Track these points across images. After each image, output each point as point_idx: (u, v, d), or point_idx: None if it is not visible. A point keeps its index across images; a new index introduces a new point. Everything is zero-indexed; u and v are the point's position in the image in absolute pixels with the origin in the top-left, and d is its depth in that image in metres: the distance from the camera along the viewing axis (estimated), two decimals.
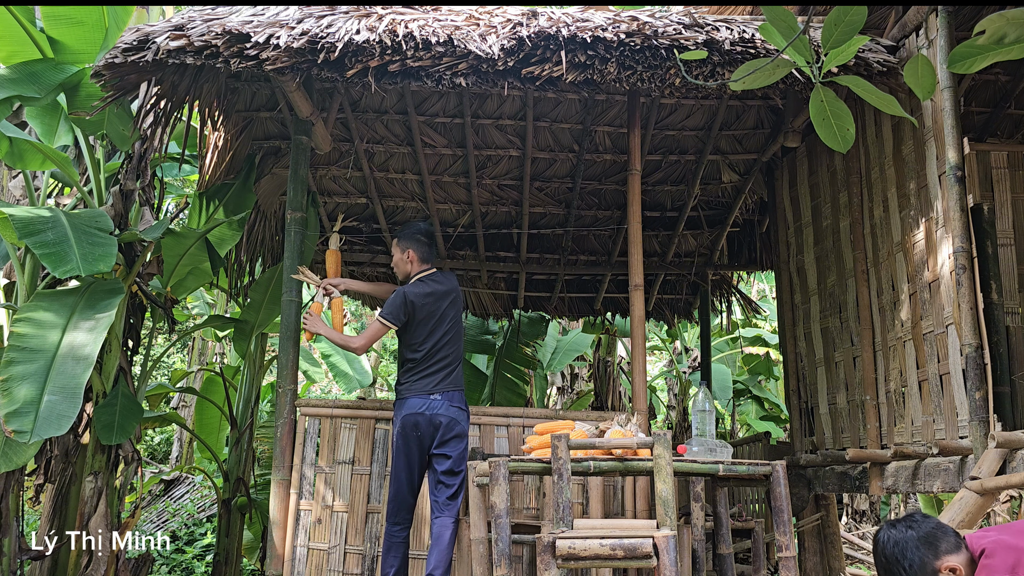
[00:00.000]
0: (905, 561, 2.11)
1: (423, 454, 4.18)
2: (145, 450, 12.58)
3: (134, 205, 5.48)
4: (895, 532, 2.17)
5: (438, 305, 4.29)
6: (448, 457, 4.14)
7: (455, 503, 4.13)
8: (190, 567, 8.46)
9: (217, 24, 3.92)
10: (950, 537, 2.14)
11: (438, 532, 4.09)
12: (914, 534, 2.14)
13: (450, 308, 4.33)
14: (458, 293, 4.42)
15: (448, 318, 4.32)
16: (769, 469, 3.41)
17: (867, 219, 4.76)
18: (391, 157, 6.18)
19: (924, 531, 2.14)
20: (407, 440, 4.15)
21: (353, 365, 10.02)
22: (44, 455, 5.30)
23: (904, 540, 2.14)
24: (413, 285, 4.33)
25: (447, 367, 4.25)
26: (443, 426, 4.14)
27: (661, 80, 4.05)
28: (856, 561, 9.09)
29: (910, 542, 2.13)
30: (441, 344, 4.26)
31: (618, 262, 7.21)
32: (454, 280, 4.46)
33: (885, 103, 2.51)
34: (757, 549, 4.02)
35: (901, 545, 2.13)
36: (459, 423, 4.19)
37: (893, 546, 2.14)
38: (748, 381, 11.43)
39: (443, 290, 4.33)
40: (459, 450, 4.18)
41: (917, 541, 2.12)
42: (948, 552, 2.10)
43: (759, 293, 15.68)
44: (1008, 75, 5.42)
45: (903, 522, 2.19)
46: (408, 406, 4.16)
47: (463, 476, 4.15)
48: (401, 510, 4.17)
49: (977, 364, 3.60)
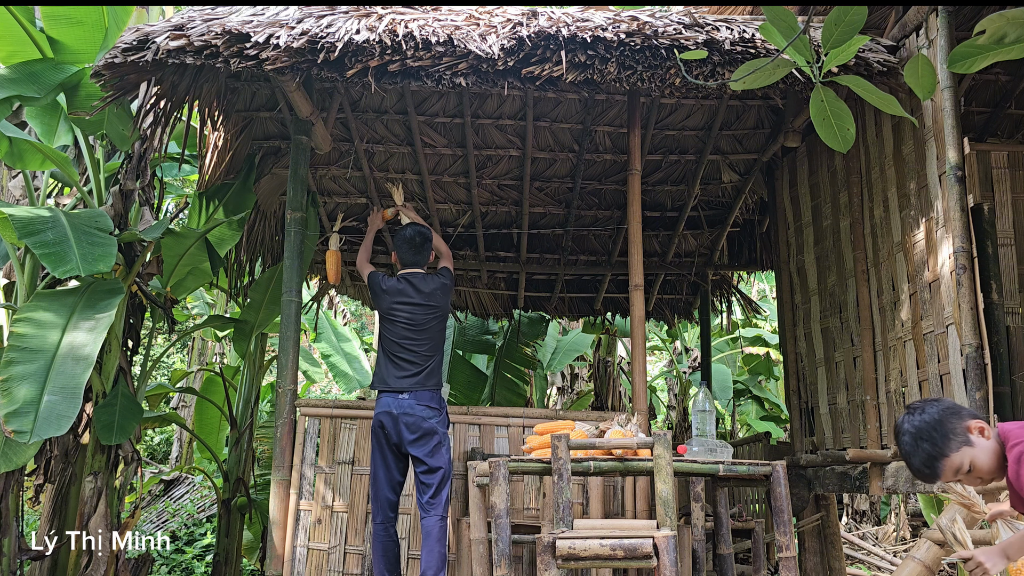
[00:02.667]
0: (936, 431, 2.24)
1: (395, 452, 4.23)
2: (145, 450, 12.58)
3: (134, 205, 5.48)
4: (918, 412, 2.32)
5: (399, 305, 4.39)
6: (421, 457, 4.15)
7: (438, 501, 4.13)
8: (190, 567, 8.45)
9: (217, 24, 3.92)
10: (967, 408, 2.35)
11: (426, 532, 4.11)
12: (937, 407, 2.30)
13: (417, 309, 4.37)
14: (430, 296, 4.40)
15: (414, 320, 4.36)
16: (769, 469, 3.41)
17: (867, 219, 4.75)
18: (391, 157, 6.18)
19: (946, 404, 2.33)
20: (377, 438, 4.25)
21: (353, 365, 10.02)
22: (44, 455, 5.30)
23: (932, 413, 2.29)
24: (390, 275, 4.57)
25: (417, 366, 4.28)
26: (410, 425, 4.16)
27: (661, 80, 4.05)
28: (856, 561, 9.09)
29: (937, 414, 2.28)
30: (405, 342, 4.33)
31: (618, 262, 7.21)
32: (430, 284, 4.43)
33: (885, 103, 2.51)
34: (757, 549, 4.02)
35: (929, 418, 2.28)
36: (427, 420, 4.17)
37: (920, 421, 2.28)
38: (748, 381, 11.43)
39: (407, 292, 4.40)
40: (430, 448, 4.15)
41: (943, 411, 2.29)
42: (972, 416, 2.29)
43: (759, 293, 15.68)
44: (1008, 75, 5.42)
45: (921, 403, 2.36)
46: (379, 404, 4.27)
47: (443, 473, 4.15)
48: (382, 508, 4.22)
49: (977, 364, 3.60)
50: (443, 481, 4.15)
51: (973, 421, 2.28)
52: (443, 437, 4.23)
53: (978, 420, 2.29)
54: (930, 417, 2.28)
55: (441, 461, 4.16)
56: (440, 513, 4.12)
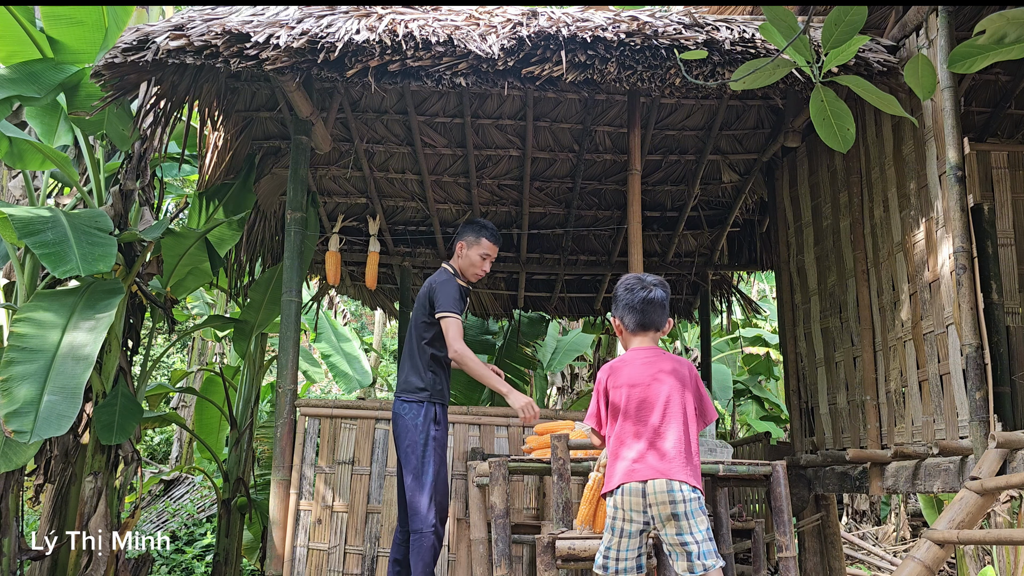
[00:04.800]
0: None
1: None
2: (145, 450, 12.58)
3: (134, 205, 5.48)
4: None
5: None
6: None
7: (416, 511, 3.78)
8: (190, 567, 8.45)
9: (217, 24, 3.92)
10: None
11: (411, 545, 3.82)
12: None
13: (415, 306, 4.16)
14: (423, 291, 4.12)
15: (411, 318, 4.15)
16: (769, 469, 3.41)
17: (867, 219, 4.75)
18: (391, 157, 6.18)
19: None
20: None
21: (353, 365, 10.02)
22: (44, 455, 5.30)
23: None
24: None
25: (401, 366, 4.12)
26: (393, 426, 4.01)
27: (661, 80, 4.05)
28: (856, 561, 9.09)
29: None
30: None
31: (618, 262, 7.21)
32: (430, 279, 4.14)
33: (885, 103, 2.50)
34: (757, 549, 4.01)
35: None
36: (399, 416, 3.93)
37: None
38: (748, 381, 11.42)
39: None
40: (401, 447, 3.91)
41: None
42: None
43: (759, 293, 15.68)
44: (1008, 75, 5.42)
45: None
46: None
47: (413, 473, 3.82)
48: (399, 513, 4.05)
49: (977, 364, 3.60)
50: (416, 483, 3.81)
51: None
52: (410, 432, 3.89)
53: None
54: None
55: (411, 457, 3.86)
56: (417, 526, 3.79)
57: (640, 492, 2.72)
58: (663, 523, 2.71)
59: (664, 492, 2.70)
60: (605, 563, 2.78)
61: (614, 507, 2.77)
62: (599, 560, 2.81)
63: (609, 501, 2.80)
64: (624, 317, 2.97)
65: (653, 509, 2.71)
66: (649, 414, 2.79)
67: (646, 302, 2.93)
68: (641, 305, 2.93)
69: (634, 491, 2.72)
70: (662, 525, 2.71)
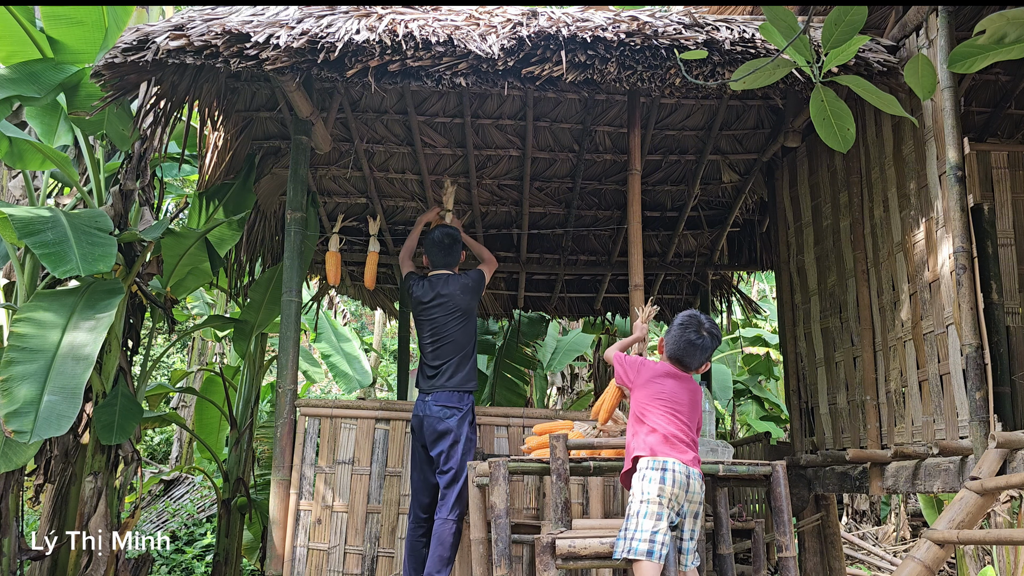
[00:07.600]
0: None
1: (425, 453, 4.30)
2: (145, 450, 12.58)
3: (134, 205, 5.48)
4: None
5: (423, 307, 4.48)
6: (435, 456, 4.23)
7: (445, 503, 4.16)
8: (190, 567, 8.46)
9: (217, 24, 3.92)
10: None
11: (434, 531, 4.16)
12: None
13: (437, 310, 4.43)
14: (450, 297, 4.45)
15: (435, 323, 4.42)
16: (769, 469, 3.41)
17: (867, 219, 4.75)
18: (391, 157, 6.18)
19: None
20: (413, 439, 4.37)
21: (353, 365, 10.02)
22: (44, 455, 5.30)
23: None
24: (422, 278, 4.60)
25: (437, 367, 4.35)
26: (428, 427, 4.24)
27: (661, 80, 4.05)
28: (856, 561, 9.09)
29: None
30: (428, 345, 4.42)
31: (618, 262, 7.21)
32: (452, 285, 4.48)
33: (885, 103, 2.51)
34: (757, 549, 4.01)
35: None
36: (442, 421, 4.22)
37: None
38: (748, 381, 11.42)
39: (428, 295, 4.47)
40: (443, 448, 4.20)
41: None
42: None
43: (759, 293, 15.68)
44: (1008, 75, 5.42)
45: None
46: (414, 407, 4.38)
47: (454, 473, 4.17)
48: (413, 508, 4.32)
49: (977, 364, 3.60)
50: (451, 482, 4.17)
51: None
52: (460, 437, 4.22)
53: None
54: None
55: (453, 462, 4.18)
56: (444, 515, 4.14)
57: (684, 485, 2.94)
58: (688, 517, 2.98)
59: (697, 493, 3.00)
60: (651, 547, 2.82)
61: (660, 494, 2.90)
62: (642, 547, 2.82)
63: (652, 485, 2.92)
64: (668, 345, 3.26)
65: (689, 506, 2.99)
66: (682, 412, 3.11)
67: (691, 345, 3.18)
68: (686, 346, 3.19)
69: (679, 483, 2.93)
70: (684, 518, 2.97)
